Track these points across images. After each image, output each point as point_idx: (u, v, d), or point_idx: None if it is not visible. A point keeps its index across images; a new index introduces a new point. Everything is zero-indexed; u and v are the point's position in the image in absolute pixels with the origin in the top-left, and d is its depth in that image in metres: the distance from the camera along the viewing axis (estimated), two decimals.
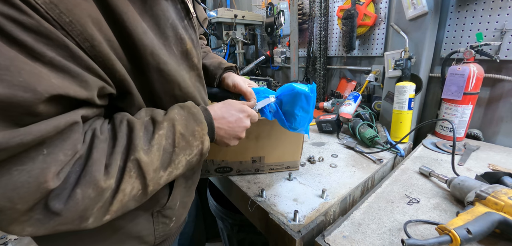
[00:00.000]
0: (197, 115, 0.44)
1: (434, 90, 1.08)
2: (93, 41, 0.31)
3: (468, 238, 0.42)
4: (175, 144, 0.40)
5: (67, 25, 0.28)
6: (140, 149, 0.35)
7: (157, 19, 0.40)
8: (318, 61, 1.51)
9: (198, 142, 0.43)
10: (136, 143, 0.35)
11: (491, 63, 0.88)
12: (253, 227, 0.69)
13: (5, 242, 1.57)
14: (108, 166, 0.33)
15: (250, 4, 2.11)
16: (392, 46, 1.05)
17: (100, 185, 0.31)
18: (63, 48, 0.28)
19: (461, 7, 0.93)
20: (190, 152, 0.42)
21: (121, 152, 0.35)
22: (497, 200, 0.47)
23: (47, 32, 0.26)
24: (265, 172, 0.75)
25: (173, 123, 0.40)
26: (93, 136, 0.34)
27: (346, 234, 0.50)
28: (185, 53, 0.45)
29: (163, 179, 0.39)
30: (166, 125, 0.40)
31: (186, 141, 0.41)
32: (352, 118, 1.04)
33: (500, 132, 0.93)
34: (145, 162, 0.35)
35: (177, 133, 0.40)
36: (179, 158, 0.41)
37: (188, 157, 0.42)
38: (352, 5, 1.21)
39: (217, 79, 0.66)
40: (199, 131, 0.43)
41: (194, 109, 0.44)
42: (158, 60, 0.39)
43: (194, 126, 0.43)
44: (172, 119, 0.41)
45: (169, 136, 0.40)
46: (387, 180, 0.69)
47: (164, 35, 0.41)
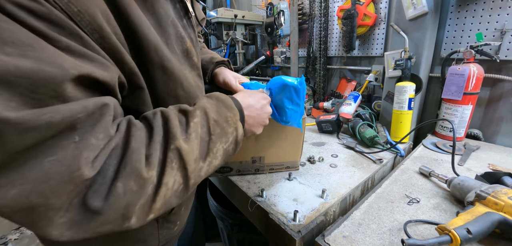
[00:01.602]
0: (226, 101, 0.43)
1: (434, 90, 1.08)
2: (102, 32, 0.29)
3: (468, 238, 0.42)
4: (210, 131, 0.38)
5: (75, 15, 0.26)
6: (179, 137, 0.33)
7: (158, 16, 0.39)
8: (318, 61, 1.51)
9: (232, 129, 0.42)
10: (175, 131, 0.33)
11: (491, 63, 0.88)
12: (253, 227, 0.69)
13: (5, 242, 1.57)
14: (148, 156, 0.30)
15: (250, 4, 2.11)
16: (392, 46, 1.05)
17: (143, 175, 0.29)
18: (76, 37, 0.27)
19: (461, 7, 0.93)
20: (226, 139, 0.41)
21: (160, 142, 0.32)
22: (497, 200, 0.47)
23: (59, 20, 0.25)
24: (265, 172, 0.75)
25: (205, 110, 0.39)
26: (129, 124, 0.31)
27: (346, 234, 0.50)
28: (186, 52, 0.45)
29: (203, 170, 0.37)
30: (199, 113, 0.38)
31: (221, 128, 0.40)
32: (352, 118, 1.04)
33: (500, 132, 0.93)
34: (186, 150, 0.33)
35: (211, 120, 0.39)
36: (217, 146, 0.39)
37: (225, 145, 0.40)
38: (352, 5, 1.21)
39: (209, 74, 0.66)
40: (232, 117, 0.42)
41: (222, 97, 0.43)
42: (162, 56, 0.38)
43: (226, 112, 0.41)
44: (203, 107, 0.39)
45: (204, 124, 0.38)
46: (387, 180, 0.69)
47: (166, 33, 0.40)
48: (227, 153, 0.42)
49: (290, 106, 0.58)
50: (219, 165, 0.41)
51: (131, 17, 0.33)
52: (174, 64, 0.40)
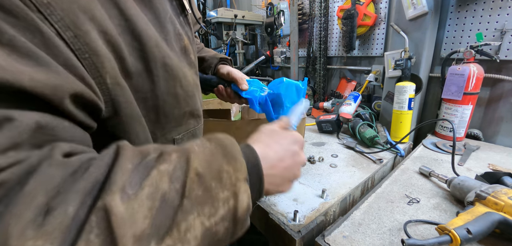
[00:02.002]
0: (229, 147, 0.28)
1: (434, 90, 1.08)
2: (78, 30, 0.23)
3: (468, 238, 0.42)
4: (184, 191, 0.23)
5: (44, 7, 0.21)
6: (116, 190, 0.20)
7: (156, 12, 0.37)
8: (318, 61, 1.51)
9: (228, 194, 0.25)
10: (114, 179, 0.20)
11: (491, 63, 0.88)
12: (253, 227, 0.69)
13: None
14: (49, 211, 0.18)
15: (250, 4, 2.11)
16: (392, 46, 1.05)
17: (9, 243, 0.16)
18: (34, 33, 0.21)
19: (461, 7, 0.93)
20: (212, 210, 0.24)
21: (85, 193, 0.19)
22: (497, 200, 0.47)
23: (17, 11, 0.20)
24: None
25: (187, 154, 0.25)
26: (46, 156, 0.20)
27: (346, 234, 0.50)
28: (184, 50, 0.43)
29: None
30: (175, 157, 0.24)
31: (204, 188, 0.24)
32: (352, 118, 1.04)
33: (500, 132, 0.93)
34: (118, 215, 0.19)
35: (191, 172, 0.24)
36: (190, 219, 0.23)
37: (207, 222, 0.24)
38: (352, 5, 1.21)
39: (213, 68, 0.66)
40: (231, 173, 0.26)
41: (226, 140, 0.29)
42: (163, 53, 0.35)
43: (223, 163, 0.26)
44: (187, 150, 0.26)
45: (178, 176, 0.23)
46: (387, 180, 0.69)
47: (165, 30, 0.38)
48: (212, 237, 0.24)
49: (288, 105, 0.58)
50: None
51: (127, 11, 0.30)
52: (174, 61, 0.38)
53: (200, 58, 0.67)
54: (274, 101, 0.59)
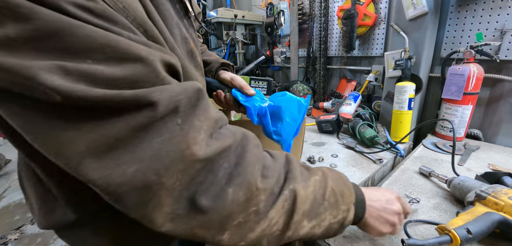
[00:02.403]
0: (345, 179, 0.41)
1: (434, 90, 1.08)
2: (146, 25, 0.29)
3: (468, 238, 0.42)
4: (325, 196, 0.36)
5: (121, 11, 0.26)
6: (299, 181, 0.33)
7: (165, 18, 0.38)
8: (318, 61, 1.51)
9: (345, 208, 0.38)
10: (296, 174, 0.33)
11: (491, 63, 0.88)
12: None
13: (5, 242, 1.57)
14: (264, 176, 0.30)
15: (250, 4, 2.11)
16: (392, 46, 1.05)
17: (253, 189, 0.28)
18: (129, 30, 0.27)
19: (461, 7, 0.93)
20: (336, 213, 0.37)
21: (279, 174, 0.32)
22: (497, 200, 0.47)
23: (113, 17, 0.25)
24: None
25: (326, 175, 0.38)
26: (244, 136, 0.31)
27: (346, 234, 0.50)
28: (190, 53, 0.44)
29: (303, 230, 0.34)
30: (320, 174, 0.38)
31: (335, 199, 0.37)
32: (352, 118, 1.04)
33: (500, 132, 0.93)
34: (301, 197, 0.32)
35: (329, 186, 0.37)
36: (326, 215, 0.36)
37: (332, 219, 0.37)
38: (352, 5, 1.21)
39: (214, 72, 0.67)
40: (348, 195, 0.39)
41: (342, 175, 0.42)
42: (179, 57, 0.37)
43: (343, 187, 0.39)
44: (324, 172, 0.39)
45: (322, 186, 0.36)
46: (387, 180, 0.69)
47: (173, 34, 0.39)
48: (329, 229, 0.37)
49: (288, 120, 0.57)
50: (317, 236, 0.36)
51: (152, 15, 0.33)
52: (186, 64, 0.40)
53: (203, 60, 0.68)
54: (273, 113, 0.57)
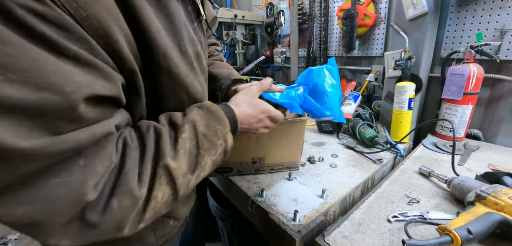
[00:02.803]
0: (216, 113, 0.43)
1: (434, 90, 1.08)
2: (108, 38, 0.29)
3: (468, 238, 0.42)
4: (199, 145, 0.39)
5: (83, 20, 0.26)
6: (167, 155, 0.35)
7: (171, 18, 0.39)
8: (318, 61, 1.51)
9: (222, 141, 0.43)
10: (164, 149, 0.35)
11: (491, 63, 0.88)
12: (253, 227, 0.69)
13: (5, 242, 1.57)
14: (140, 174, 0.33)
15: (250, 4, 2.10)
16: (392, 46, 1.05)
17: (135, 194, 0.31)
18: (84, 42, 0.27)
19: (461, 7, 0.93)
20: (214, 151, 0.42)
21: (151, 159, 0.34)
22: (497, 200, 0.47)
23: (68, 25, 0.25)
24: (265, 172, 0.75)
25: (194, 124, 0.40)
26: (125, 145, 0.33)
27: (346, 234, 0.50)
28: (197, 55, 0.45)
29: (192, 182, 0.39)
30: (188, 128, 0.39)
31: (209, 141, 0.41)
32: (352, 118, 1.04)
33: (500, 132, 0.93)
34: (173, 167, 0.35)
35: (200, 134, 0.40)
36: (205, 159, 0.40)
37: (213, 157, 0.42)
38: (352, 5, 1.21)
39: (224, 90, 0.65)
40: (221, 129, 0.43)
41: (213, 108, 0.43)
42: (170, 62, 0.38)
43: (216, 125, 0.42)
44: (193, 121, 0.40)
45: (192, 138, 0.39)
46: (387, 180, 0.69)
47: (179, 36, 0.40)
48: (215, 163, 0.43)
49: (329, 89, 0.55)
50: (208, 174, 0.42)
51: (141, 19, 0.33)
52: (181, 70, 0.41)
53: (212, 75, 0.67)
54: (313, 93, 0.56)
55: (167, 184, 0.35)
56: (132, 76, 0.35)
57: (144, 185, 0.32)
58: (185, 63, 0.42)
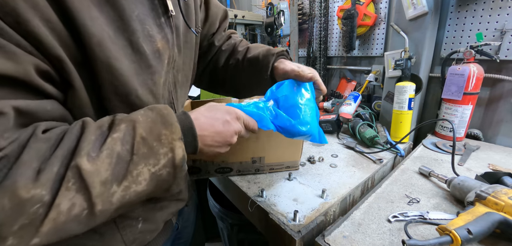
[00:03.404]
0: (167, 117, 0.36)
1: (434, 90, 1.08)
2: (18, 17, 0.26)
3: (468, 239, 0.41)
4: (133, 150, 0.32)
5: None
6: (84, 154, 0.29)
7: (120, 10, 0.35)
8: (318, 61, 1.51)
9: (167, 149, 0.35)
10: (82, 146, 0.29)
11: (491, 63, 0.88)
12: (253, 227, 0.69)
13: None
14: (40, 171, 0.26)
15: (250, 4, 2.11)
16: (392, 46, 1.05)
17: (20, 194, 0.25)
18: None
19: (461, 7, 0.93)
20: (155, 161, 0.34)
21: (63, 156, 0.28)
22: (497, 200, 0.47)
23: None
24: (265, 172, 0.75)
25: (133, 124, 0.33)
26: (31, 135, 0.28)
27: (346, 234, 0.50)
28: (157, 53, 0.40)
29: (116, 196, 0.31)
30: (124, 127, 0.33)
31: (148, 147, 0.33)
32: (352, 119, 1.04)
33: (500, 132, 0.93)
34: (87, 170, 0.28)
35: (138, 136, 0.33)
36: (139, 168, 0.32)
37: (152, 168, 0.34)
38: (352, 5, 1.21)
39: (270, 69, 0.59)
40: (167, 135, 0.35)
41: (165, 111, 0.37)
42: (108, 54, 0.34)
43: (161, 129, 0.35)
44: (134, 120, 0.34)
45: (127, 140, 0.32)
46: (387, 180, 0.69)
47: (129, 29, 0.36)
48: (158, 178, 0.35)
49: (303, 102, 0.50)
50: (145, 191, 0.34)
51: (68, 4, 0.30)
52: (124, 66, 0.36)
53: (253, 58, 0.61)
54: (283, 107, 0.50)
55: (78, 191, 0.28)
56: (60, 64, 0.31)
57: (40, 185, 0.26)
58: (133, 60, 0.37)
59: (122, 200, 0.32)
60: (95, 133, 0.31)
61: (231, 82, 0.68)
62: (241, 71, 0.64)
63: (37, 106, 0.30)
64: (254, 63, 0.61)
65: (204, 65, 0.69)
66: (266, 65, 0.58)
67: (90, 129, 0.31)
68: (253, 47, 0.65)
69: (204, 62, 0.69)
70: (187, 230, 0.78)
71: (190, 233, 0.82)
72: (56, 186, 0.27)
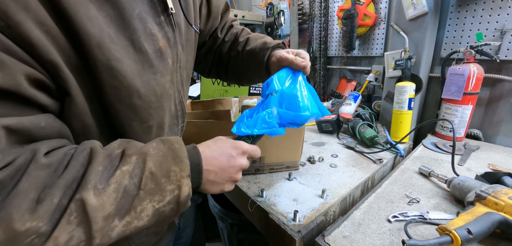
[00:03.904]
0: (178, 151, 0.35)
1: (434, 90, 1.08)
2: (9, 20, 0.25)
3: (468, 239, 0.41)
4: (141, 185, 0.31)
5: None
6: (90, 187, 0.27)
7: (120, 8, 0.34)
8: (318, 61, 1.51)
9: (174, 186, 0.33)
10: (89, 179, 0.28)
11: (491, 63, 0.88)
12: (253, 227, 0.69)
13: None
14: (40, 201, 0.25)
15: (250, 4, 2.11)
16: (392, 46, 1.05)
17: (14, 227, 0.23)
18: None
19: (461, 7, 0.93)
20: (160, 198, 0.32)
21: (66, 186, 0.27)
22: (497, 200, 0.47)
23: None
24: (265, 172, 0.75)
25: (144, 157, 0.32)
26: (31, 159, 0.26)
27: (346, 234, 0.50)
28: (159, 52, 0.39)
29: (116, 231, 0.29)
30: (135, 160, 0.32)
31: (156, 183, 0.32)
32: (352, 119, 1.04)
33: (500, 132, 0.93)
34: (92, 205, 0.27)
35: (147, 171, 0.31)
36: (144, 204, 0.31)
37: (157, 205, 0.32)
38: (352, 5, 1.21)
39: (265, 63, 0.58)
40: (176, 172, 0.34)
41: (176, 144, 0.36)
42: (109, 56, 0.32)
43: (171, 165, 0.34)
44: (145, 153, 0.33)
45: (136, 174, 0.31)
46: (387, 180, 0.69)
47: (130, 28, 0.35)
48: (161, 214, 0.33)
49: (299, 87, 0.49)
50: (145, 226, 0.32)
51: (64, 4, 0.28)
52: (127, 67, 0.34)
53: (251, 51, 0.62)
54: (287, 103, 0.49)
55: (79, 225, 0.27)
56: (56, 71, 0.29)
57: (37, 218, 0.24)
58: (136, 60, 0.36)
59: (121, 234, 0.30)
60: (103, 163, 0.30)
61: (233, 72, 0.69)
62: (241, 62, 0.65)
63: (30, 123, 0.27)
64: (252, 55, 0.62)
65: (212, 58, 0.70)
66: (262, 59, 0.59)
67: (99, 158, 0.29)
68: (252, 39, 0.65)
69: (211, 55, 0.70)
70: (187, 230, 0.78)
71: (190, 233, 0.82)
72: (55, 217, 0.26)
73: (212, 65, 0.71)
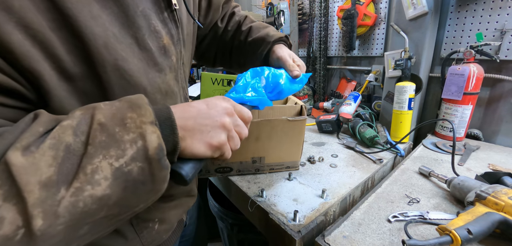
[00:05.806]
0: (134, 99, 0.29)
1: (434, 90, 1.08)
2: None
3: (468, 239, 0.42)
4: (88, 139, 0.24)
5: None
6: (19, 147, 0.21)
7: (124, 5, 0.32)
8: (318, 61, 1.51)
9: (134, 135, 0.26)
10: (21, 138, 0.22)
11: (491, 63, 0.88)
12: (253, 227, 0.69)
13: None
14: None
15: (250, 4, 2.11)
16: (392, 46, 1.05)
17: None
18: None
19: (461, 7, 0.93)
20: (119, 153, 0.25)
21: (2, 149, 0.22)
22: (497, 200, 0.47)
23: None
24: (265, 172, 0.75)
25: (92, 111, 0.26)
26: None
27: (346, 234, 0.50)
28: (163, 50, 0.38)
29: (64, 203, 0.22)
30: (78, 114, 0.26)
31: (108, 134, 0.25)
32: (352, 119, 1.04)
33: (500, 132, 0.93)
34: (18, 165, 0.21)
35: (95, 123, 0.25)
36: (95, 161, 0.24)
37: (115, 162, 0.25)
38: (352, 5, 1.21)
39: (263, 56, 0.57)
40: (134, 118, 0.27)
41: (133, 96, 0.30)
42: (115, 55, 0.30)
43: (127, 112, 0.27)
44: (93, 107, 0.27)
45: (83, 130, 0.25)
46: (387, 180, 0.69)
47: (134, 25, 0.33)
48: (127, 177, 0.26)
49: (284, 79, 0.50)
50: (110, 197, 0.25)
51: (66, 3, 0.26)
52: (133, 66, 0.33)
53: (252, 42, 0.60)
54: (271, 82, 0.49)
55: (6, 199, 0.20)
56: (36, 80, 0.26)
57: None
58: (141, 58, 0.34)
59: (73, 210, 0.23)
60: (44, 124, 0.24)
61: (235, 60, 0.69)
62: (243, 51, 0.65)
63: None
64: (253, 46, 0.61)
65: (215, 48, 0.70)
66: (262, 52, 0.58)
67: (41, 119, 0.24)
68: (255, 29, 0.63)
69: (214, 45, 0.69)
70: (191, 228, 0.78)
71: (193, 230, 0.82)
72: None
73: (216, 55, 0.71)
